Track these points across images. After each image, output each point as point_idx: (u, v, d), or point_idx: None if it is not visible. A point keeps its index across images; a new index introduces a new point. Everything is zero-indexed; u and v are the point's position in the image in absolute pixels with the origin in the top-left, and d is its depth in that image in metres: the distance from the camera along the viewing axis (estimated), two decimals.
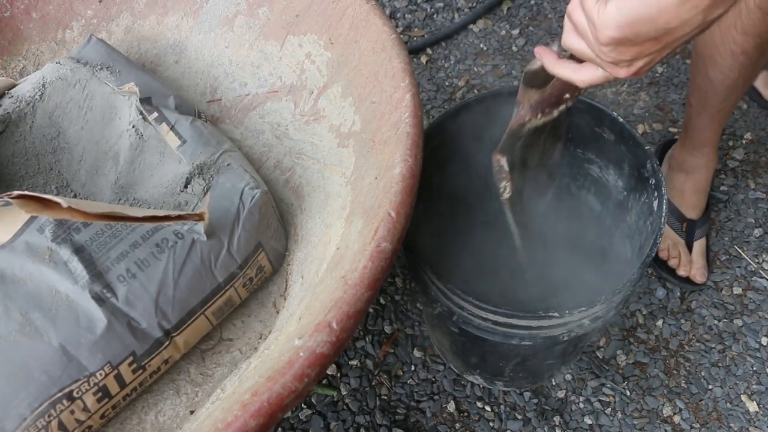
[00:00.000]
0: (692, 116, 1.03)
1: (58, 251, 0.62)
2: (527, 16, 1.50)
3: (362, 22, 0.72)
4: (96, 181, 0.76)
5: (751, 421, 1.00)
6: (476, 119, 0.90)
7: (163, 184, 0.73)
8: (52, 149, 0.78)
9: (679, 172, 1.12)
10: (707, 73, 0.93)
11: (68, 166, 0.77)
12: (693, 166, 1.09)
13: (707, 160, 1.08)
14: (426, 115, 1.36)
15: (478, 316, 0.75)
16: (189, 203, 0.71)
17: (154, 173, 0.74)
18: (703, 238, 1.13)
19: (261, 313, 0.73)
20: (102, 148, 0.77)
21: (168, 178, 0.73)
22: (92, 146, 0.77)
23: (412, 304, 1.13)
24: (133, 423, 0.66)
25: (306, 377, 0.45)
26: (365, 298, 0.49)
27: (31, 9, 0.95)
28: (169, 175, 0.73)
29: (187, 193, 0.71)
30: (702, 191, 1.12)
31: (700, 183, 1.11)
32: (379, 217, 0.53)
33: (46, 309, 0.60)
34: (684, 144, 1.09)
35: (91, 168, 0.77)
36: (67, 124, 0.78)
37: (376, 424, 1.01)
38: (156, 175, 0.73)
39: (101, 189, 0.76)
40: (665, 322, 1.09)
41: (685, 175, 1.11)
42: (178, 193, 0.72)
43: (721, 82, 0.92)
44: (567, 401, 1.03)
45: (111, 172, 0.76)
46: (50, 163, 0.77)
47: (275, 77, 0.84)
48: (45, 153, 0.78)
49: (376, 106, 0.67)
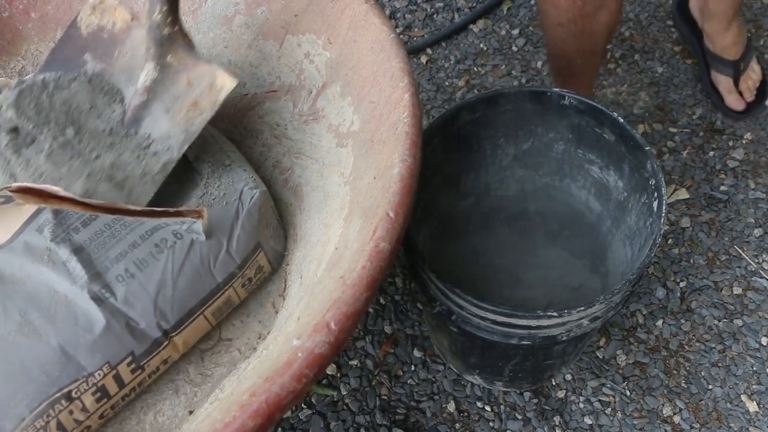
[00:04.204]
0: (553, 79, 1.13)
1: (56, 251, 0.62)
2: (527, 16, 1.50)
3: (361, 21, 0.72)
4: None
5: (751, 421, 1.00)
6: (476, 119, 0.90)
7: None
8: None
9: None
10: (545, 41, 1.03)
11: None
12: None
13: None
14: (426, 115, 1.36)
15: (477, 316, 0.75)
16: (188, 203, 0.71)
17: None
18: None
19: (260, 313, 0.73)
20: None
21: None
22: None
23: (412, 304, 1.13)
24: (132, 423, 0.66)
25: (304, 378, 0.45)
26: (364, 298, 0.49)
27: (30, 9, 0.95)
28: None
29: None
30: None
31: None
32: (377, 217, 0.53)
33: (45, 309, 0.60)
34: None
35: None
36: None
37: (376, 424, 1.01)
38: None
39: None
40: (665, 322, 1.09)
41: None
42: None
43: (555, 49, 1.00)
44: (567, 401, 1.03)
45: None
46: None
47: (274, 77, 0.84)
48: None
49: (375, 106, 0.67)
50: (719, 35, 1.24)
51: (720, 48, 1.25)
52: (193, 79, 0.70)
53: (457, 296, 0.74)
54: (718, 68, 1.27)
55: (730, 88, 1.27)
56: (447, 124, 0.87)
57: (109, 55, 0.73)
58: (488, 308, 0.72)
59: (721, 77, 1.28)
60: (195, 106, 0.70)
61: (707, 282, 1.12)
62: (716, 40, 1.25)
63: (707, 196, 1.22)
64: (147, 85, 0.70)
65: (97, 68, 0.72)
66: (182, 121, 0.70)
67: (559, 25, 0.94)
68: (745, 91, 1.27)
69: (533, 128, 0.93)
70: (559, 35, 0.96)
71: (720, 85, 1.28)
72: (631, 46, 1.43)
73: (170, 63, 0.70)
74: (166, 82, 0.70)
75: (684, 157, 1.27)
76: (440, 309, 0.79)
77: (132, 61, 0.72)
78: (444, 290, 0.76)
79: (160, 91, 0.71)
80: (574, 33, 0.94)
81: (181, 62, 0.71)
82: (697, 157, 1.27)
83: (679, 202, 1.21)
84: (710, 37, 1.26)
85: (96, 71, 0.72)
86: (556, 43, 0.99)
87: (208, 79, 0.70)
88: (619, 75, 1.39)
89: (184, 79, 0.71)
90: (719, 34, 1.24)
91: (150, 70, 0.70)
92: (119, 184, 0.67)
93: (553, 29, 0.96)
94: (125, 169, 0.68)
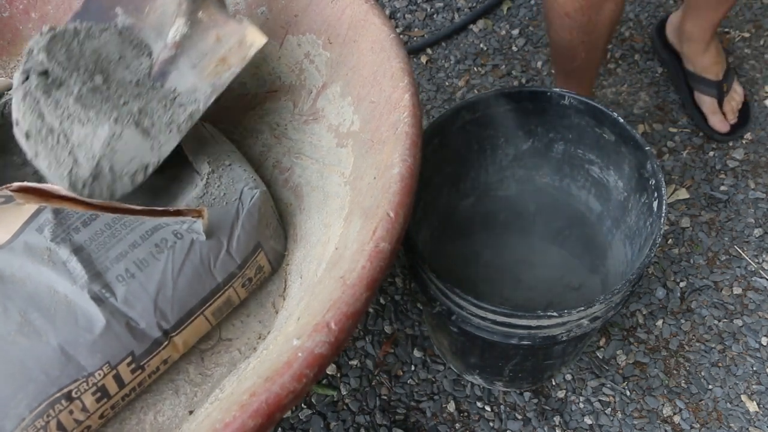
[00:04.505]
0: (555, 74, 1.16)
1: (57, 251, 0.62)
2: (527, 16, 1.50)
3: (361, 21, 0.72)
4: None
5: (751, 421, 1.00)
6: (476, 119, 0.90)
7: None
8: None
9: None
10: (549, 35, 1.05)
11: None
12: None
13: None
14: (426, 115, 1.36)
15: (477, 316, 0.75)
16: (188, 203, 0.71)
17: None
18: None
19: (260, 313, 0.73)
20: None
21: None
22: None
23: (412, 304, 1.13)
24: (132, 423, 0.66)
25: (304, 378, 0.45)
26: (364, 298, 0.49)
27: (30, 9, 0.95)
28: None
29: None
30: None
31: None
32: (377, 217, 0.53)
33: (45, 309, 0.60)
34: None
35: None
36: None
37: (376, 424, 1.01)
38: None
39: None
40: (665, 322, 1.09)
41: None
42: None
43: (559, 41, 1.02)
44: (567, 401, 1.03)
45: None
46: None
47: (274, 77, 0.84)
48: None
49: (375, 106, 0.67)
50: (698, 56, 1.24)
51: (701, 69, 1.26)
52: (222, 36, 0.71)
53: (457, 296, 0.74)
54: (701, 89, 1.27)
55: (714, 109, 1.26)
56: (447, 124, 0.87)
57: (139, 11, 0.73)
58: (488, 308, 0.72)
59: (704, 98, 1.27)
60: (223, 62, 0.70)
61: (707, 282, 1.12)
62: (696, 61, 1.25)
63: (707, 196, 1.22)
64: (176, 41, 0.70)
65: (127, 22, 0.73)
66: (209, 76, 0.70)
67: (566, 15, 0.95)
68: (728, 112, 1.26)
69: (533, 128, 0.93)
70: (566, 25, 0.97)
71: (704, 106, 1.27)
72: (631, 46, 1.43)
73: (201, 19, 0.70)
74: (194, 38, 0.71)
75: (684, 157, 1.27)
76: (440, 309, 0.79)
77: (162, 17, 0.72)
78: (444, 290, 0.76)
79: (188, 47, 0.71)
80: (580, 23, 0.96)
81: (211, 18, 0.71)
82: (697, 157, 1.27)
83: (679, 202, 1.21)
84: (689, 58, 1.27)
85: (126, 25, 0.73)
86: (562, 35, 1.00)
87: (238, 35, 0.71)
88: (619, 75, 1.39)
89: (214, 36, 0.71)
90: (698, 55, 1.24)
91: (180, 26, 0.70)
92: (145, 131, 0.67)
93: (559, 19, 0.97)
94: (152, 117, 0.68)
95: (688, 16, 1.20)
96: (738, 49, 1.40)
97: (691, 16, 1.19)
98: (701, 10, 1.16)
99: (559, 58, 1.09)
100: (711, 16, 1.15)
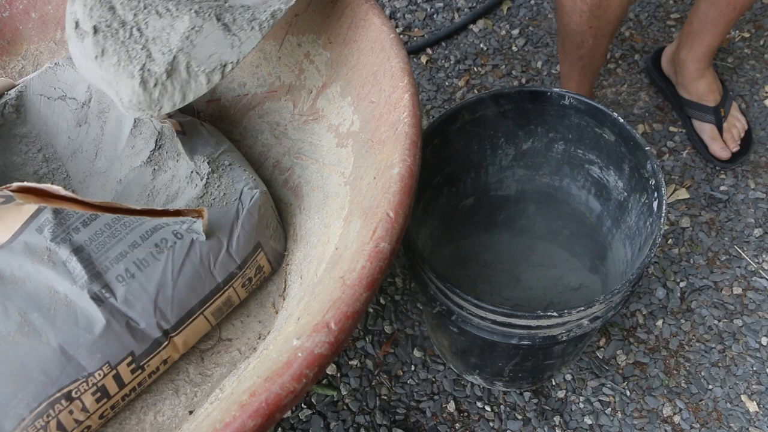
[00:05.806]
0: (560, 62, 1.17)
1: (56, 251, 0.62)
2: (527, 16, 1.50)
3: (361, 21, 0.72)
4: (97, 179, 0.76)
5: (751, 421, 1.00)
6: (476, 119, 0.90)
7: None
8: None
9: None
10: (559, 17, 1.06)
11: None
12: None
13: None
14: (426, 115, 1.36)
15: (477, 316, 0.75)
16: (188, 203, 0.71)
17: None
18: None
19: (260, 313, 0.73)
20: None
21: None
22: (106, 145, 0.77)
23: (412, 304, 1.13)
24: (131, 423, 0.66)
25: (304, 378, 0.45)
26: (364, 298, 0.49)
27: (30, 9, 0.95)
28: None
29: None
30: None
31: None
32: (377, 218, 0.53)
33: (45, 309, 0.60)
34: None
35: (94, 166, 0.77)
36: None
37: (376, 424, 1.01)
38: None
39: (103, 187, 0.76)
40: (665, 322, 1.09)
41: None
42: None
43: (569, 25, 1.03)
44: (567, 401, 1.03)
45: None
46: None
47: (274, 77, 0.84)
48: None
49: (375, 106, 0.67)
50: (693, 83, 1.24)
51: (696, 96, 1.25)
52: None
53: (457, 296, 0.74)
54: (699, 116, 1.26)
55: (714, 135, 1.25)
56: (447, 124, 0.87)
57: None
58: (488, 308, 0.72)
59: (704, 125, 1.26)
60: None
61: (707, 282, 1.12)
62: (691, 88, 1.25)
63: (707, 196, 1.22)
64: None
65: None
66: None
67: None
68: (729, 140, 1.24)
69: (533, 128, 0.93)
70: (577, 8, 0.98)
71: (704, 133, 1.26)
72: (631, 46, 1.43)
73: None
74: None
75: (684, 157, 1.27)
76: (440, 309, 0.79)
77: None
78: (444, 290, 0.76)
79: None
80: (591, 6, 0.97)
81: None
82: (697, 157, 1.27)
83: (679, 202, 1.21)
84: (685, 86, 1.26)
85: None
86: (572, 17, 1.01)
87: None
88: (619, 75, 1.39)
89: None
90: (693, 82, 1.24)
91: None
92: (226, 26, 0.64)
93: (571, 1, 0.99)
94: (233, 12, 0.64)
95: (683, 45, 1.21)
96: (738, 49, 1.40)
97: (686, 45, 1.20)
98: (696, 36, 1.17)
99: (566, 44, 1.09)
100: (706, 41, 1.16)
